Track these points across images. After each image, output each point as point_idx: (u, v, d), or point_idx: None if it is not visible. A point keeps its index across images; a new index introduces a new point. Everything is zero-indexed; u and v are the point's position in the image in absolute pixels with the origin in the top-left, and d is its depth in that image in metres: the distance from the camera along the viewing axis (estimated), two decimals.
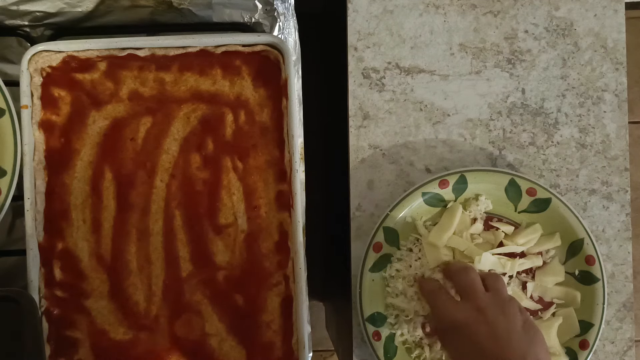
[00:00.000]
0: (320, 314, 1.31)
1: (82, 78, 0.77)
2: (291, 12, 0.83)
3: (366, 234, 0.83)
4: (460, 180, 0.81)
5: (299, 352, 0.76)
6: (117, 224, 0.77)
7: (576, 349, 0.81)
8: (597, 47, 0.87)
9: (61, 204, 0.77)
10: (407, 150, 0.86)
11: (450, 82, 0.87)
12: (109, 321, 0.77)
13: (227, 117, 0.78)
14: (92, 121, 0.77)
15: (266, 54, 0.78)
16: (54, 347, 0.75)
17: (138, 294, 0.77)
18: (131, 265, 0.77)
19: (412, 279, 0.81)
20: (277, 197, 0.78)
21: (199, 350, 0.77)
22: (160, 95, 0.78)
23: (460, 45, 0.87)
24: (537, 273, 0.83)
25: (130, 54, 0.77)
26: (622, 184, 0.87)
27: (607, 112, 0.87)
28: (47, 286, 0.76)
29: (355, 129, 0.86)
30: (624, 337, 0.86)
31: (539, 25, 0.87)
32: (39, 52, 0.76)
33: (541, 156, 0.87)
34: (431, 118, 0.86)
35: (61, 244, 0.76)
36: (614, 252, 0.87)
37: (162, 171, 0.78)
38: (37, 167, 0.76)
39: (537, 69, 0.87)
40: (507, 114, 0.87)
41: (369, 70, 0.86)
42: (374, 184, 0.86)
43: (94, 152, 0.77)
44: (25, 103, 0.75)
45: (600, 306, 0.81)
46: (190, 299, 0.77)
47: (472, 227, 0.82)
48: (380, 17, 0.87)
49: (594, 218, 0.87)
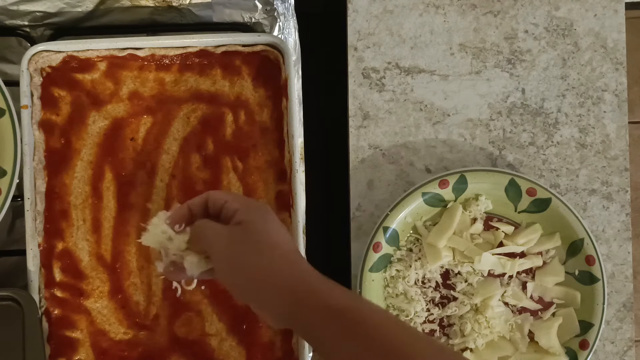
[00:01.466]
0: None
1: (82, 78, 0.77)
2: (291, 12, 0.83)
3: (366, 234, 0.83)
4: (460, 180, 0.81)
5: (299, 352, 0.76)
6: (117, 224, 0.77)
7: (576, 349, 0.81)
8: (597, 47, 0.87)
9: (61, 204, 0.77)
10: (407, 150, 0.86)
11: (450, 82, 0.87)
12: (109, 321, 0.77)
13: (227, 117, 0.78)
14: (92, 121, 0.77)
15: (266, 54, 0.78)
16: (54, 347, 0.75)
17: (138, 294, 0.77)
18: (131, 265, 0.77)
19: (412, 279, 0.81)
20: (277, 197, 0.78)
21: (199, 350, 0.77)
22: (160, 95, 0.78)
23: (460, 45, 0.87)
24: (537, 273, 0.83)
25: (130, 54, 0.77)
26: (622, 184, 0.87)
27: (607, 112, 0.87)
28: (47, 286, 0.76)
29: (355, 129, 0.86)
30: (624, 337, 0.86)
31: (539, 25, 0.87)
32: (39, 52, 0.76)
33: (541, 156, 0.87)
34: (431, 118, 0.86)
35: (61, 244, 0.76)
36: (614, 252, 0.87)
37: (162, 171, 0.78)
38: (37, 167, 0.76)
39: (537, 69, 0.87)
40: (507, 114, 0.87)
41: (369, 70, 0.86)
42: (374, 184, 0.86)
43: (94, 152, 0.77)
44: (25, 103, 0.75)
45: (600, 306, 0.81)
46: (190, 299, 0.77)
47: (472, 227, 0.82)
48: (380, 17, 0.87)
49: (594, 218, 0.87)
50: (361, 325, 0.54)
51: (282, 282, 0.57)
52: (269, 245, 0.59)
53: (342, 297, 0.56)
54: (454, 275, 0.82)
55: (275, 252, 0.59)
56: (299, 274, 0.58)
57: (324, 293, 0.57)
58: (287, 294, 0.57)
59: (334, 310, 0.55)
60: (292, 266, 0.59)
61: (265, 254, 0.58)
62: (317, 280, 0.58)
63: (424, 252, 0.81)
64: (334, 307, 0.55)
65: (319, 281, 0.58)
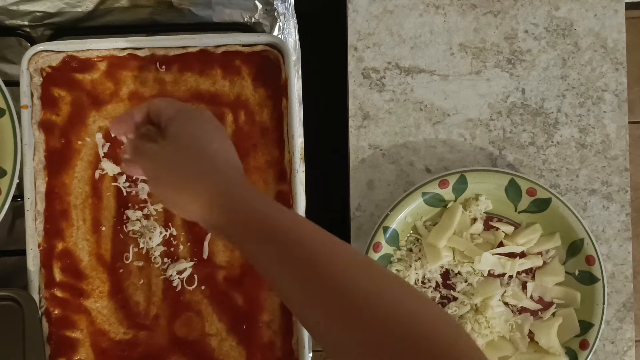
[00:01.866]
0: None
1: (82, 78, 0.77)
2: (291, 12, 0.83)
3: (366, 234, 0.83)
4: (460, 180, 0.81)
5: (299, 352, 0.76)
6: (117, 223, 0.77)
7: (576, 349, 0.81)
8: (597, 47, 0.87)
9: (61, 204, 0.77)
10: (407, 150, 0.86)
11: (450, 82, 0.87)
12: (109, 321, 0.77)
13: (227, 117, 0.78)
14: (92, 121, 0.77)
15: (266, 54, 0.78)
16: (54, 347, 0.75)
17: (138, 294, 0.77)
18: (131, 265, 0.77)
19: (412, 279, 0.81)
20: (277, 197, 0.78)
21: (199, 350, 0.77)
22: (160, 95, 0.78)
23: (460, 45, 0.87)
24: (537, 273, 0.83)
25: (130, 54, 0.77)
26: (622, 184, 0.87)
27: (607, 112, 0.87)
28: (47, 286, 0.76)
29: (355, 129, 0.86)
30: (624, 337, 0.86)
31: (539, 25, 0.87)
32: (39, 52, 0.76)
33: (541, 156, 0.87)
34: (431, 118, 0.86)
35: (61, 244, 0.76)
36: (614, 252, 0.87)
37: None
38: (37, 167, 0.76)
39: (537, 69, 0.87)
40: (507, 114, 0.87)
41: (369, 70, 0.86)
42: (374, 184, 0.86)
43: (94, 152, 0.77)
44: (25, 103, 0.75)
45: (600, 306, 0.81)
46: (190, 299, 0.77)
47: (472, 227, 0.82)
48: (380, 17, 0.87)
49: (594, 218, 0.87)
50: (279, 232, 0.54)
51: (203, 192, 0.58)
52: (197, 155, 0.59)
53: (264, 208, 0.56)
54: (454, 275, 0.82)
55: (203, 163, 0.59)
56: (222, 183, 0.58)
57: (245, 203, 0.57)
58: (207, 205, 0.58)
59: (255, 220, 0.55)
60: (217, 176, 0.59)
61: (192, 167, 0.59)
62: (240, 189, 0.58)
63: (424, 252, 0.81)
64: (256, 217, 0.56)
65: (242, 190, 0.58)
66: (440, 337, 0.46)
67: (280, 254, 0.54)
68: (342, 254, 0.53)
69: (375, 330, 0.47)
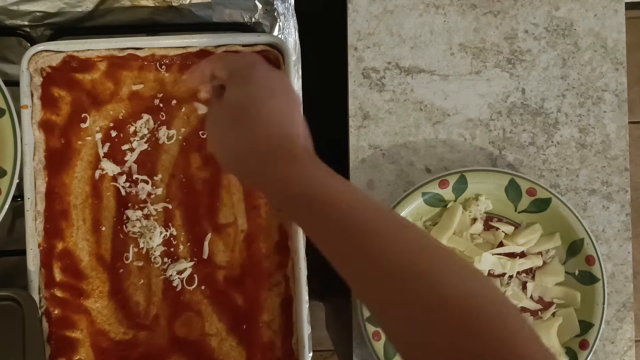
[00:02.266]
0: (320, 314, 1.31)
1: (82, 78, 0.77)
2: (291, 12, 0.83)
3: None
4: (460, 180, 0.81)
5: (299, 352, 0.76)
6: (117, 224, 0.77)
7: (576, 349, 0.81)
8: (597, 47, 0.87)
9: (61, 204, 0.77)
10: (407, 150, 0.86)
11: (450, 82, 0.87)
12: (109, 321, 0.77)
13: None
14: (92, 121, 0.77)
15: (266, 54, 0.78)
16: (54, 347, 0.75)
17: (138, 294, 0.77)
18: (131, 265, 0.77)
19: None
20: None
21: (199, 350, 0.76)
22: (160, 95, 0.78)
23: (460, 45, 0.87)
24: (537, 273, 0.83)
25: (130, 54, 0.77)
26: (622, 184, 0.87)
27: (607, 112, 0.87)
28: (47, 286, 0.76)
29: (355, 129, 0.86)
30: (624, 337, 0.86)
31: (539, 25, 0.87)
32: (39, 52, 0.76)
33: (541, 156, 0.87)
34: (431, 118, 0.86)
35: (61, 244, 0.76)
36: (614, 252, 0.87)
37: (162, 171, 0.78)
38: (37, 167, 0.76)
39: (537, 69, 0.87)
40: (507, 114, 0.87)
41: (369, 70, 0.86)
42: (374, 184, 0.86)
43: (94, 152, 0.77)
44: (25, 103, 0.75)
45: (600, 306, 0.81)
46: (190, 299, 0.77)
47: (472, 227, 0.82)
48: (380, 17, 0.87)
49: (594, 218, 0.87)
50: (325, 204, 0.55)
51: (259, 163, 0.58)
52: (252, 124, 0.59)
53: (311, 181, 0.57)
54: None
55: (257, 132, 0.59)
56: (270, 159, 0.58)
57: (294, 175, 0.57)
58: (261, 174, 0.58)
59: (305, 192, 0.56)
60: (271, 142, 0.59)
61: (246, 136, 0.59)
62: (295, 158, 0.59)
63: None
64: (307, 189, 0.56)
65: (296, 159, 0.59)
66: (504, 326, 0.47)
67: (323, 223, 0.54)
68: (388, 228, 0.53)
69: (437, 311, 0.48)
